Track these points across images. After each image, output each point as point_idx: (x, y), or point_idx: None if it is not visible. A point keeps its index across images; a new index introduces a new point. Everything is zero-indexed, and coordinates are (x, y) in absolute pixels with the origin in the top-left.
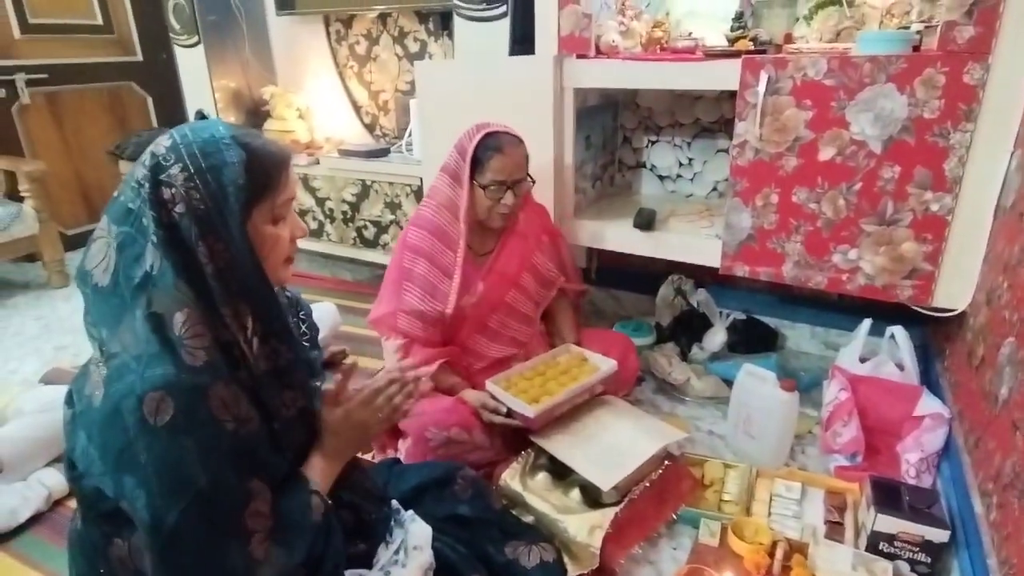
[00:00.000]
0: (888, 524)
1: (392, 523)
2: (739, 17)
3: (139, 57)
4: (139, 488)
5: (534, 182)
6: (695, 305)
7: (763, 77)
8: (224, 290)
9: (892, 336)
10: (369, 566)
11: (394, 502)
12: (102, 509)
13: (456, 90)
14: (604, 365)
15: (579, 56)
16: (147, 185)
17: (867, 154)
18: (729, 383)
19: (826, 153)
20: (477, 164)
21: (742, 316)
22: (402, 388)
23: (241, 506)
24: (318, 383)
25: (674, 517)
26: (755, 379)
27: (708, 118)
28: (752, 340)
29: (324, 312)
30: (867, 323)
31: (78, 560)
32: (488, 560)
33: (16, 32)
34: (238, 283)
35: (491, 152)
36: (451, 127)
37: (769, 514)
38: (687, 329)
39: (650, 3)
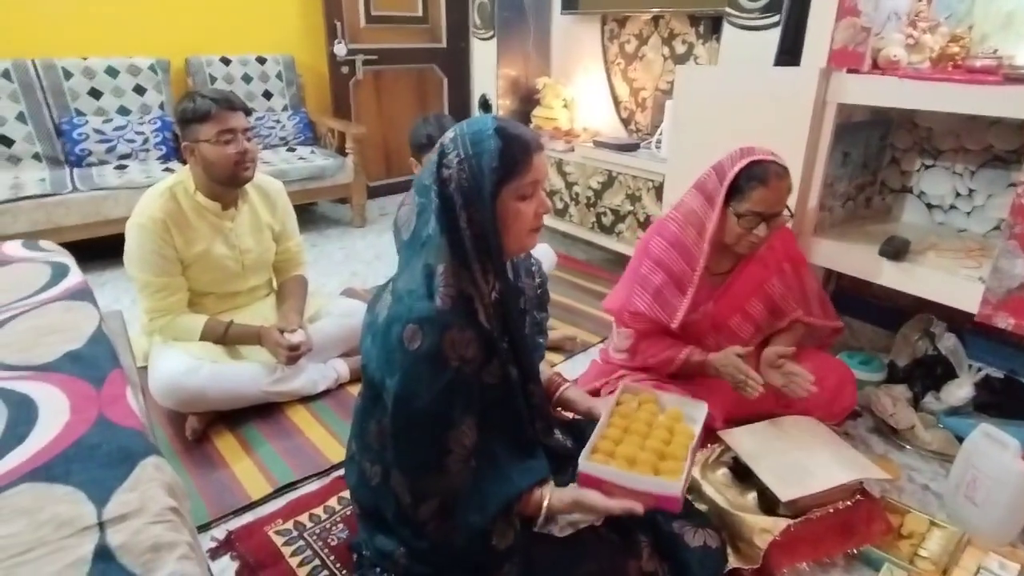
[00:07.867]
0: None
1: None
2: None
3: (443, 44)
4: (391, 389)
5: (792, 216)
6: (941, 351)
7: None
8: (476, 250)
9: None
10: None
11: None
12: (372, 393)
13: (713, 96)
14: (694, 410)
15: (850, 70)
16: (435, 167)
17: None
18: (962, 441)
19: None
20: (736, 191)
21: (1000, 375)
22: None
23: (445, 428)
24: (541, 340)
25: (854, 552)
26: (992, 443)
27: (1004, 146)
28: (1012, 404)
29: (542, 251)
30: None
31: (355, 428)
32: (655, 527)
33: (362, 22)
34: (486, 246)
35: (755, 183)
36: (702, 131)
37: None
38: (927, 375)
39: (951, 15)
